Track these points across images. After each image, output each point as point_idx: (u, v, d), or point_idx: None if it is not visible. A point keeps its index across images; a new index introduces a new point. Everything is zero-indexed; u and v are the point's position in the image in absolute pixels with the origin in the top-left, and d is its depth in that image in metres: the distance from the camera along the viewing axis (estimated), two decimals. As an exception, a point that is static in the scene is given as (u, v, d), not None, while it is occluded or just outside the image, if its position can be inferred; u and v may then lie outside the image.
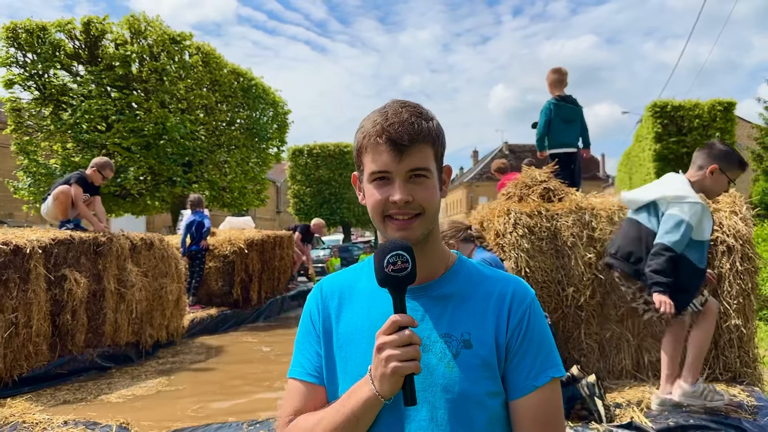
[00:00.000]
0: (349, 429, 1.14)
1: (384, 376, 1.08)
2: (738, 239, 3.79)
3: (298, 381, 1.29)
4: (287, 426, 1.25)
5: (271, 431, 3.58)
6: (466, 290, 1.25)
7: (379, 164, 1.20)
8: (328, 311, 1.31)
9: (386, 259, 1.12)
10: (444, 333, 1.20)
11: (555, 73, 6.26)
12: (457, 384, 1.16)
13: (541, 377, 1.19)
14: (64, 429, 3.86)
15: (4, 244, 5.46)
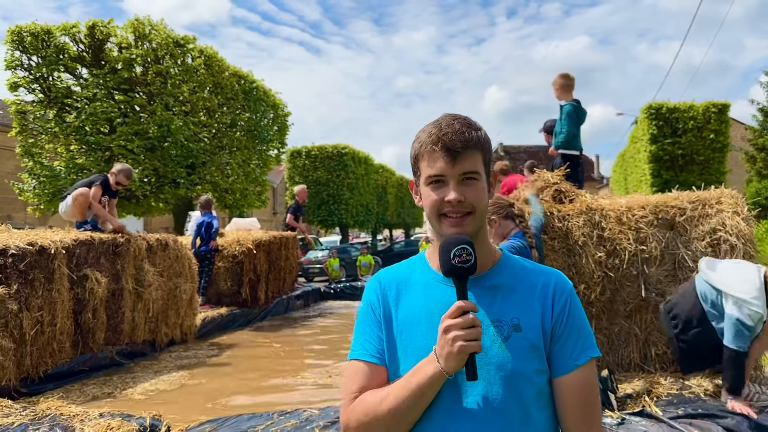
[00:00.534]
0: (414, 402, 1.29)
1: (450, 354, 1.23)
2: (740, 238, 4.01)
3: (361, 362, 1.42)
4: (352, 402, 1.38)
5: (300, 420, 3.78)
6: (512, 282, 1.41)
7: (435, 169, 1.36)
8: (387, 300, 1.46)
9: (452, 252, 1.27)
10: (495, 319, 1.36)
11: (564, 78, 6.46)
12: (509, 363, 1.32)
13: (581, 357, 1.35)
14: (101, 421, 4.04)
15: (30, 244, 5.64)
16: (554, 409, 1.37)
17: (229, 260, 9.72)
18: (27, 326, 5.47)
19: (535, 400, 1.32)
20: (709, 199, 4.25)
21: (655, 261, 4.23)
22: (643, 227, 4.24)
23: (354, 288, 13.45)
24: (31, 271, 5.57)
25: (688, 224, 4.20)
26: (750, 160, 31.68)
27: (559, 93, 6.57)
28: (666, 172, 23.85)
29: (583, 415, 1.35)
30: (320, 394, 5.35)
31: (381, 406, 1.31)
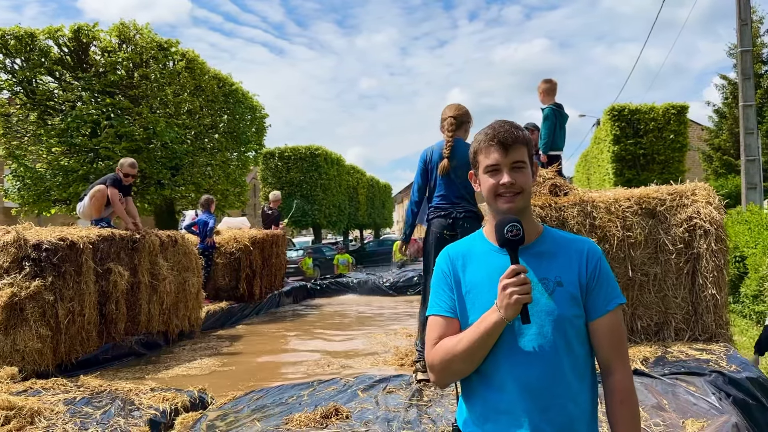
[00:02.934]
0: (482, 342, 1.70)
1: (508, 305, 1.64)
2: (713, 224, 4.67)
3: (438, 316, 1.79)
4: (434, 347, 1.80)
5: (340, 386, 4.30)
6: (553, 248, 1.84)
7: (491, 159, 1.79)
8: (456, 268, 1.87)
9: (506, 228, 1.69)
10: (542, 277, 1.79)
11: (547, 83, 7.09)
12: (555, 310, 1.74)
13: (611, 304, 1.78)
14: (155, 393, 4.49)
15: (61, 240, 6.02)
16: (590, 346, 1.80)
17: (227, 257, 10.15)
18: (61, 316, 5.87)
19: (576, 337, 1.76)
20: (685, 192, 4.91)
21: (639, 245, 4.87)
22: (628, 216, 4.88)
23: (339, 284, 13.94)
24: (63, 265, 5.96)
25: (668, 213, 4.85)
26: (707, 159, 33.07)
27: (542, 97, 7.20)
28: (628, 171, 24.74)
29: (616, 349, 1.74)
30: (346, 370, 5.83)
31: (457, 347, 1.70)
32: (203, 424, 3.89)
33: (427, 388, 4.20)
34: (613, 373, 1.75)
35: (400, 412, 3.67)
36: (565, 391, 1.70)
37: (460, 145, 4.83)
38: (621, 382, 1.74)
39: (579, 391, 1.72)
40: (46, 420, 3.89)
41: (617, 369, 1.75)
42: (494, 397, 1.73)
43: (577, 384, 1.72)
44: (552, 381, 1.69)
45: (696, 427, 3.20)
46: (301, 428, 3.49)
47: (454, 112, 4.93)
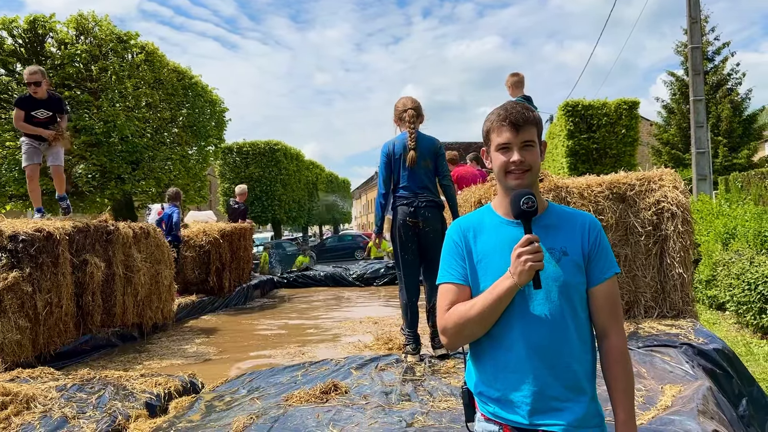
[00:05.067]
0: (495, 306, 1.84)
1: (522, 271, 1.78)
2: (679, 207, 4.96)
3: (450, 284, 1.92)
4: (447, 312, 1.94)
5: (331, 366, 4.43)
6: (558, 222, 1.99)
7: (503, 138, 1.93)
8: (467, 238, 2.00)
9: (521, 201, 1.83)
10: (549, 247, 1.93)
11: (514, 76, 7.33)
12: (561, 276, 1.90)
13: (608, 272, 1.95)
14: (146, 379, 4.54)
15: (38, 231, 5.97)
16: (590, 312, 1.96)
17: (196, 250, 10.12)
18: (40, 307, 5.82)
19: (580, 303, 1.92)
20: (652, 177, 5.20)
21: (611, 228, 5.13)
22: (600, 200, 5.14)
23: (306, 276, 14.01)
24: (40, 256, 5.91)
25: (637, 197, 5.13)
26: (656, 153, 34.17)
27: (511, 90, 7.44)
28: (582, 165, 25.37)
29: (611, 314, 1.89)
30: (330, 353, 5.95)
31: (470, 311, 1.82)
32: (202, 405, 3.97)
33: (418, 366, 4.36)
34: (608, 336, 1.91)
35: (396, 386, 3.83)
36: (570, 351, 1.85)
37: (421, 137, 5.04)
38: (616, 343, 1.90)
39: (582, 352, 1.88)
40: (41, 405, 3.91)
41: (613, 332, 1.91)
42: (505, 357, 1.87)
43: (580, 345, 1.88)
44: (558, 342, 1.85)
45: (674, 391, 3.45)
46: (302, 404, 3.61)
47: (414, 104, 5.12)
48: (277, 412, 3.51)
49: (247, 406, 3.75)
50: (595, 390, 1.89)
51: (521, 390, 1.84)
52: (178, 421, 3.67)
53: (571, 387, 1.84)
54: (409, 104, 5.08)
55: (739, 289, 8.67)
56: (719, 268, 9.68)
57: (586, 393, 1.86)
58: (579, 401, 1.84)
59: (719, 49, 32.77)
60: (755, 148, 33.82)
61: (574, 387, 1.84)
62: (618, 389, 1.88)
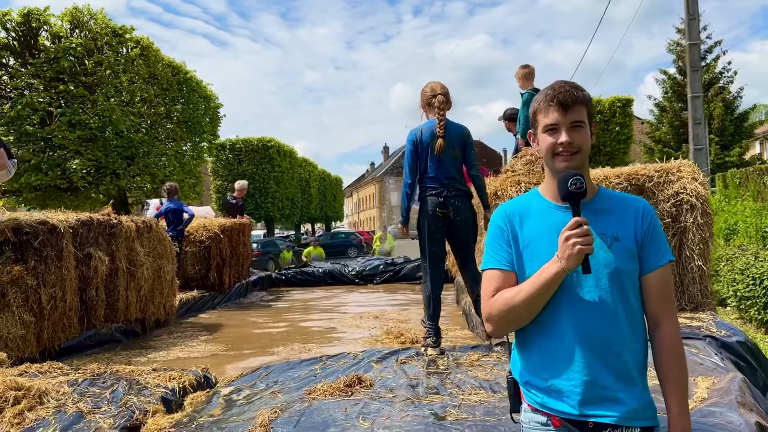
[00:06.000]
0: (542, 292, 1.76)
1: (571, 255, 1.70)
2: (698, 199, 4.90)
3: (495, 270, 1.86)
4: (491, 299, 1.87)
5: (350, 360, 4.33)
6: (610, 206, 1.92)
7: (550, 119, 1.85)
8: (513, 223, 1.93)
9: (569, 182, 1.75)
10: (600, 232, 1.85)
11: (525, 68, 7.25)
12: (612, 263, 1.82)
13: (662, 260, 1.88)
14: (160, 373, 4.42)
15: (42, 223, 5.84)
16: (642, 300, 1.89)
17: (197, 245, 9.99)
18: (44, 301, 5.69)
19: (632, 290, 1.84)
20: (671, 168, 5.14)
21: (629, 220, 5.08)
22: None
23: (304, 273, 13.90)
24: (44, 249, 5.78)
25: (656, 189, 5.07)
26: (648, 151, 34.27)
27: (521, 83, 7.36)
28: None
29: (664, 303, 1.83)
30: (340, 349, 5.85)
31: (516, 297, 1.76)
32: (220, 399, 3.86)
33: (440, 359, 4.27)
34: (661, 325, 1.84)
35: (422, 379, 3.74)
36: (621, 339, 1.77)
37: (450, 124, 4.88)
38: (669, 333, 1.83)
39: (632, 341, 1.80)
40: (55, 400, 3.78)
41: (665, 321, 1.84)
42: (553, 345, 1.80)
43: (630, 334, 1.80)
44: (609, 330, 1.77)
45: (707, 383, 3.38)
46: (327, 397, 3.51)
47: (443, 90, 4.94)
48: (302, 405, 3.41)
49: (269, 400, 3.65)
50: (646, 381, 1.82)
51: (570, 379, 1.77)
52: (199, 416, 3.57)
53: (622, 377, 1.76)
54: (438, 89, 4.90)
55: (743, 284, 8.65)
56: (722, 263, 9.67)
57: (636, 384, 1.79)
58: (630, 392, 1.77)
59: (711, 47, 32.91)
60: (747, 146, 34.03)
61: (624, 377, 1.77)
62: (671, 380, 1.80)
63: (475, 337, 6.36)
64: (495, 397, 3.30)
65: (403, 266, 13.62)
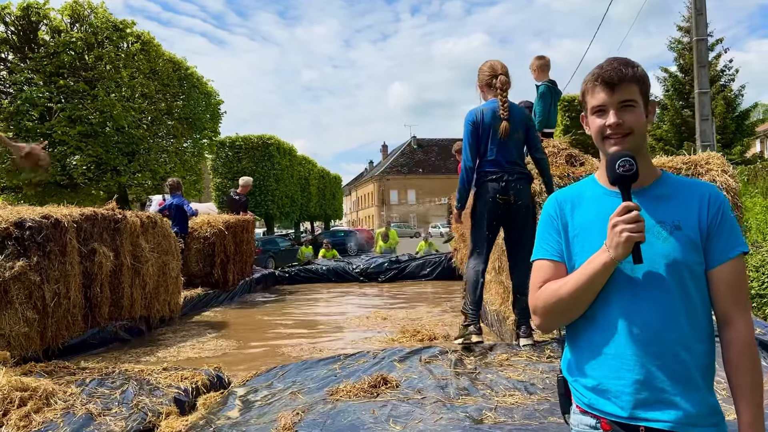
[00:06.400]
0: (589, 284, 1.61)
1: (618, 244, 1.54)
2: (729, 192, 4.73)
3: (545, 260, 1.75)
4: (538, 290, 1.73)
5: (370, 359, 4.15)
6: (672, 192, 1.73)
7: (597, 100, 1.69)
8: (564, 212, 1.78)
9: (617, 164, 1.59)
10: (659, 220, 1.68)
11: (540, 59, 7.04)
12: (671, 254, 1.64)
13: (733, 251, 1.66)
14: (170, 373, 4.24)
15: (45, 217, 5.64)
16: (708, 296, 1.68)
17: (201, 242, 9.79)
18: (48, 298, 5.50)
19: (693, 283, 1.65)
20: (699, 161, 4.97)
21: (657, 214, 4.90)
22: (646, 185, 4.91)
23: (308, 271, 13.72)
24: (47, 244, 5.58)
25: (685, 181, 4.91)
26: (649, 149, 34.15)
27: (536, 74, 7.15)
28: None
29: (736, 299, 1.62)
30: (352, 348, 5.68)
31: (562, 289, 1.63)
32: (237, 400, 3.68)
33: (467, 358, 4.08)
34: (731, 323, 1.63)
35: (450, 379, 3.55)
36: (679, 338, 1.59)
37: (513, 106, 4.63)
38: (741, 332, 1.62)
39: (694, 340, 1.61)
40: (62, 401, 3.60)
41: (737, 319, 1.63)
42: (603, 341, 1.64)
43: (691, 332, 1.61)
44: (665, 327, 1.60)
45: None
46: (351, 398, 3.33)
47: (504, 69, 4.68)
48: (325, 407, 3.23)
49: (289, 401, 3.46)
50: (712, 384, 1.63)
51: (620, 379, 1.61)
52: (216, 418, 3.38)
53: (680, 379, 1.58)
54: (499, 69, 4.65)
55: (757, 282, 8.48)
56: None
57: (698, 387, 1.60)
58: (689, 396, 1.58)
59: (713, 45, 32.69)
60: (748, 145, 33.89)
61: (683, 379, 1.58)
62: (742, 385, 1.60)
63: (491, 333, 6.20)
64: (532, 399, 3.12)
65: (407, 264, 13.45)
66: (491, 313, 6.21)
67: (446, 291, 10.92)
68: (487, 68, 4.70)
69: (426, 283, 12.62)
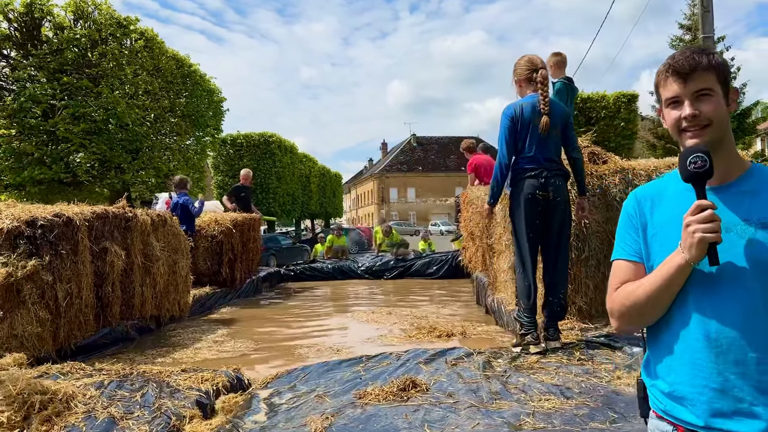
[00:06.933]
0: (664, 287, 1.53)
1: (692, 245, 1.46)
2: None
3: (623, 260, 1.69)
4: (615, 292, 1.66)
5: (393, 360, 4.07)
6: (759, 187, 1.59)
7: (670, 92, 1.61)
8: (643, 210, 1.70)
9: (688, 160, 1.51)
10: (744, 218, 1.56)
11: (557, 56, 6.93)
12: (755, 255, 1.51)
13: None
14: (190, 374, 4.16)
15: (57, 216, 5.56)
16: None
17: (208, 240, 9.70)
18: (60, 297, 5.42)
19: None
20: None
21: (682, 214, 4.83)
22: (670, 184, 4.84)
23: (313, 269, 13.64)
24: (59, 243, 5.50)
25: (708, 180, 4.83)
26: (651, 147, 34.09)
27: (552, 71, 7.05)
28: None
29: None
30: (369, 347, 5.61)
31: (637, 291, 1.56)
32: (261, 403, 3.60)
33: (494, 360, 4.00)
34: None
35: (481, 383, 3.47)
36: (761, 344, 1.50)
37: (553, 101, 4.51)
38: None
39: None
40: (83, 405, 3.52)
41: None
42: (678, 345, 1.56)
43: None
44: (746, 332, 1.50)
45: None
46: (380, 402, 3.25)
47: (543, 64, 4.55)
48: (354, 411, 3.15)
49: (316, 405, 3.39)
50: None
51: (696, 386, 1.52)
52: (242, 422, 3.30)
53: (763, 389, 1.48)
54: (539, 63, 4.52)
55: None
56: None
57: None
58: None
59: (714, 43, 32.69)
60: (749, 143, 33.86)
61: (765, 389, 1.48)
62: None
63: (506, 332, 6.13)
64: (569, 404, 3.04)
65: (413, 262, 13.38)
66: (507, 313, 6.13)
67: (453, 289, 10.87)
68: (526, 62, 4.57)
69: (433, 281, 12.55)
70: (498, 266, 6.67)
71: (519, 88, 4.62)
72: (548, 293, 4.36)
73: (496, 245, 6.74)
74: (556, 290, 4.26)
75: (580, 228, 4.80)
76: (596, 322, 4.86)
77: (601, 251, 4.86)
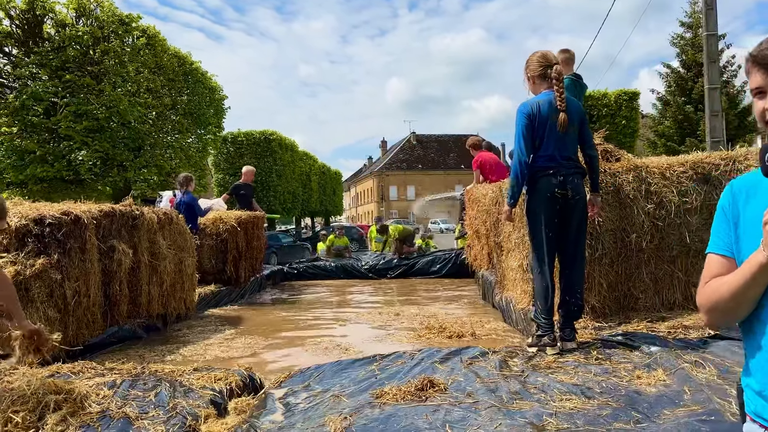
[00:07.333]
0: (747, 285, 1.47)
1: None
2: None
3: (716, 255, 1.62)
4: (704, 286, 1.62)
5: (407, 360, 4.04)
6: None
7: (754, 82, 1.55)
8: (737, 203, 1.63)
9: (766, 156, 1.47)
10: None
11: (565, 52, 6.87)
12: None
13: None
14: (202, 374, 4.13)
15: (65, 214, 5.52)
16: None
17: (213, 238, 9.67)
18: (69, 296, 5.38)
19: None
20: (737, 156, 4.87)
21: (695, 211, 4.81)
22: (684, 181, 4.81)
23: (316, 267, 13.61)
24: (67, 241, 5.46)
25: (722, 178, 4.80)
26: (651, 145, 34.08)
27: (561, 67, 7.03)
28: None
29: None
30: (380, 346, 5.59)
31: (722, 287, 1.52)
32: (277, 403, 3.57)
33: (510, 360, 3.97)
34: None
35: (499, 382, 3.44)
36: None
37: (569, 98, 4.43)
38: None
39: None
40: (96, 404, 3.48)
41: None
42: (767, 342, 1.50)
43: None
44: None
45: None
46: (399, 402, 3.22)
47: (557, 60, 4.48)
48: (373, 411, 3.12)
49: (333, 404, 3.35)
50: None
51: None
52: (259, 422, 3.27)
53: None
54: (553, 59, 4.44)
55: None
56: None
57: None
58: None
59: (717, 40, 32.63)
60: (750, 141, 33.84)
61: None
62: None
63: (515, 330, 6.11)
64: (591, 404, 3.01)
65: (417, 261, 13.35)
66: (516, 312, 6.11)
67: (458, 288, 10.84)
68: (539, 58, 4.47)
69: (437, 280, 12.52)
70: (507, 264, 6.64)
71: (532, 85, 4.53)
72: (565, 293, 4.31)
73: (504, 243, 6.70)
74: (573, 290, 4.22)
75: (593, 226, 4.77)
76: (609, 321, 4.84)
77: (614, 249, 4.84)
